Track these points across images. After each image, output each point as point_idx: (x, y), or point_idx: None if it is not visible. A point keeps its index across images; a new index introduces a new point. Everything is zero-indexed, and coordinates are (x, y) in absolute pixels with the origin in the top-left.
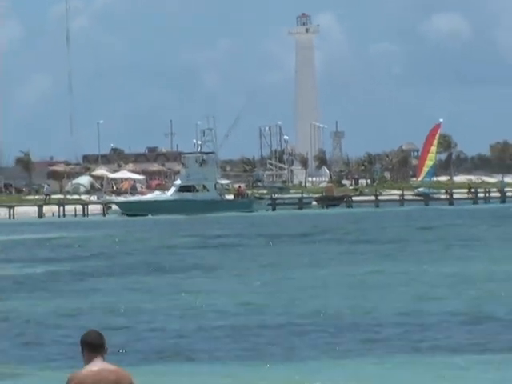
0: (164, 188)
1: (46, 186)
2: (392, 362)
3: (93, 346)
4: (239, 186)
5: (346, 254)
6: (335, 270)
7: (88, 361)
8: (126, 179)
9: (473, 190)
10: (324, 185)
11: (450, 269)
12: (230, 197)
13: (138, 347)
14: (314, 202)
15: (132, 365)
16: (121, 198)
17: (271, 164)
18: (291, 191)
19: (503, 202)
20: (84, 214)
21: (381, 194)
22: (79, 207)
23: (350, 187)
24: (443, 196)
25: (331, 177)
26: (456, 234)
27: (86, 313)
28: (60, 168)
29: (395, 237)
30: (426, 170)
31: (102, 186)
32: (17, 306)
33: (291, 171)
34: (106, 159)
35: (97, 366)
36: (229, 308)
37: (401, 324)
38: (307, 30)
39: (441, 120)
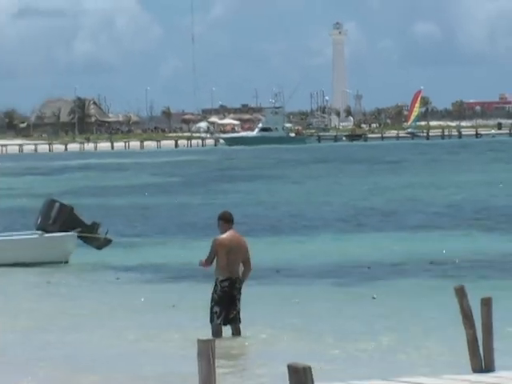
0: (252, 129)
1: (202, 127)
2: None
3: (227, 219)
4: (298, 128)
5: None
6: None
7: (224, 230)
8: (229, 124)
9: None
10: (350, 127)
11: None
12: (292, 135)
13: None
14: (344, 138)
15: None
16: (225, 135)
17: (317, 114)
18: (330, 131)
19: (459, 137)
20: (203, 145)
21: (384, 133)
22: (200, 141)
23: (366, 129)
24: (422, 134)
25: (354, 122)
26: (427, 159)
27: (211, 204)
28: (188, 117)
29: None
30: (412, 118)
31: (214, 127)
32: (161, 201)
33: (330, 119)
34: (216, 111)
35: (230, 233)
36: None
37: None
38: (340, 33)
39: (422, 87)
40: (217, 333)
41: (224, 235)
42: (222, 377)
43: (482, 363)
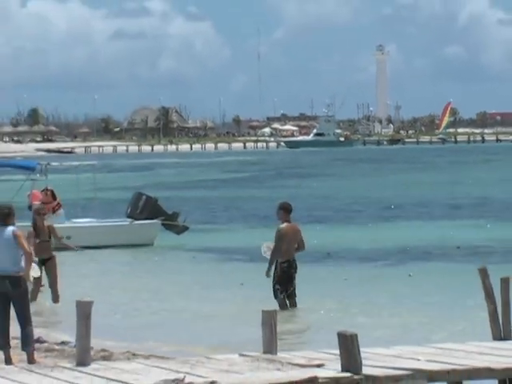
0: (308, 134)
1: (266, 132)
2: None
3: (287, 209)
4: (346, 134)
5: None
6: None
7: (283, 219)
8: (289, 129)
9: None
10: (390, 133)
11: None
12: (342, 139)
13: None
14: (385, 142)
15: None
16: (286, 139)
17: (363, 122)
18: (373, 136)
19: (483, 142)
20: (267, 147)
21: (419, 138)
22: (264, 144)
23: (404, 134)
24: (451, 139)
25: (394, 129)
26: (453, 160)
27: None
28: (255, 123)
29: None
30: (443, 125)
31: (276, 133)
32: (219, 193)
33: (373, 126)
34: (278, 119)
35: (289, 223)
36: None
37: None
38: (382, 53)
39: (451, 99)
40: (283, 305)
41: (285, 225)
42: (282, 342)
43: (501, 333)
